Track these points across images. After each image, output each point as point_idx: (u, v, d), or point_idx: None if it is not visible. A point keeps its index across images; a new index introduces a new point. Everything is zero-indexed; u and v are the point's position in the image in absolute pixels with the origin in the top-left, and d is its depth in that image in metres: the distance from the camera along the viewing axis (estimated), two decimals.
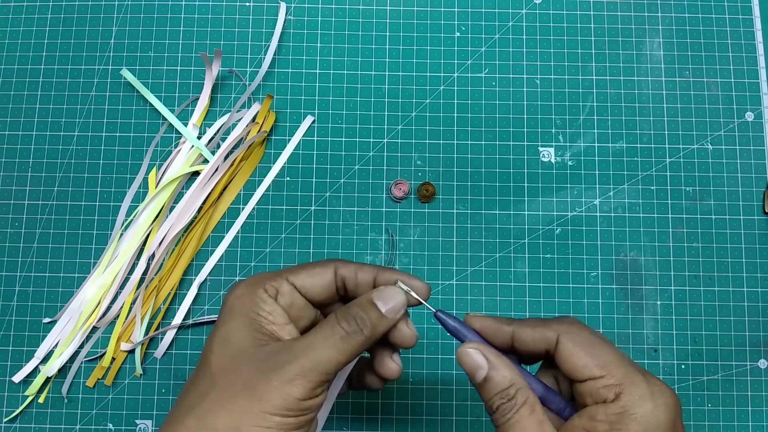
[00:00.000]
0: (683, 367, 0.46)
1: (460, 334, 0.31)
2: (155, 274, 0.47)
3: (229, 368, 0.28)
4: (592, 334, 0.29)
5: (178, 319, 0.46)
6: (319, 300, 0.32)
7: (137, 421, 0.46)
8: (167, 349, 0.46)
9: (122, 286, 0.47)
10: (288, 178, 0.49)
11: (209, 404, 0.27)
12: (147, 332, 0.46)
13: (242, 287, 0.30)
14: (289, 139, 0.49)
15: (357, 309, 0.29)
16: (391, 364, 0.32)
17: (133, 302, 0.46)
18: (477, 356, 0.29)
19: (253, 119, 0.49)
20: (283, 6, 0.50)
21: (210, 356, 0.29)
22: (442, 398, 0.46)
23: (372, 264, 0.32)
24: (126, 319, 0.46)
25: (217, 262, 0.47)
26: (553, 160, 0.49)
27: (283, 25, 0.50)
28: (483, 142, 0.49)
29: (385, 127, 0.49)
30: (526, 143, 0.49)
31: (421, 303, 0.31)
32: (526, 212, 0.48)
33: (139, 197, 0.48)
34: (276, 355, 0.28)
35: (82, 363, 0.46)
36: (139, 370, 0.46)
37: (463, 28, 0.51)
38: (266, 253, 0.47)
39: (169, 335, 0.46)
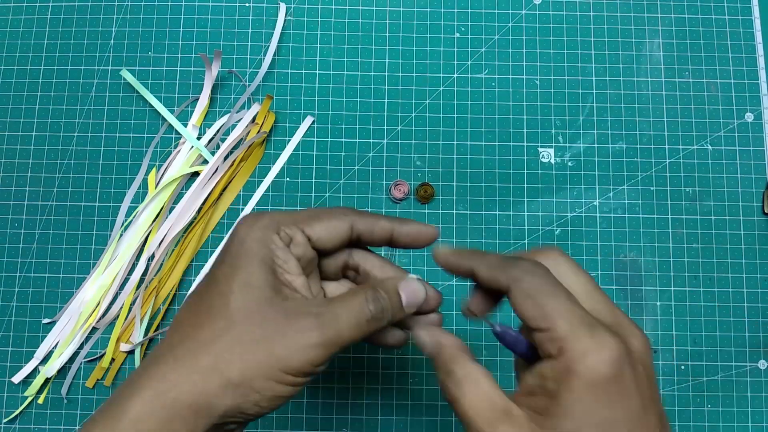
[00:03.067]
0: (683, 368, 0.46)
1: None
2: (155, 275, 0.47)
3: (251, 314, 0.28)
4: (545, 280, 0.27)
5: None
6: (330, 250, 0.31)
7: None
8: None
9: (122, 287, 0.47)
10: (288, 179, 0.49)
11: (225, 347, 0.27)
12: (147, 333, 0.46)
13: (258, 229, 0.29)
14: (289, 140, 0.49)
15: (385, 295, 0.30)
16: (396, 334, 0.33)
17: (133, 303, 0.46)
18: (423, 336, 0.29)
19: (253, 120, 0.49)
20: (282, 6, 0.50)
21: (230, 296, 0.28)
22: (442, 399, 0.46)
23: (388, 216, 0.32)
24: (125, 319, 0.46)
25: None
26: (552, 161, 0.49)
27: (284, 25, 0.50)
28: (483, 143, 0.49)
29: (385, 127, 0.49)
30: (525, 144, 0.49)
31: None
32: (525, 213, 0.48)
33: (139, 198, 0.48)
34: (300, 316, 0.28)
35: (81, 364, 0.46)
36: None
37: (463, 29, 0.51)
38: None
39: None
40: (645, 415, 0.24)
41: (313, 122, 0.49)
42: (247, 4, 0.51)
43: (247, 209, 0.48)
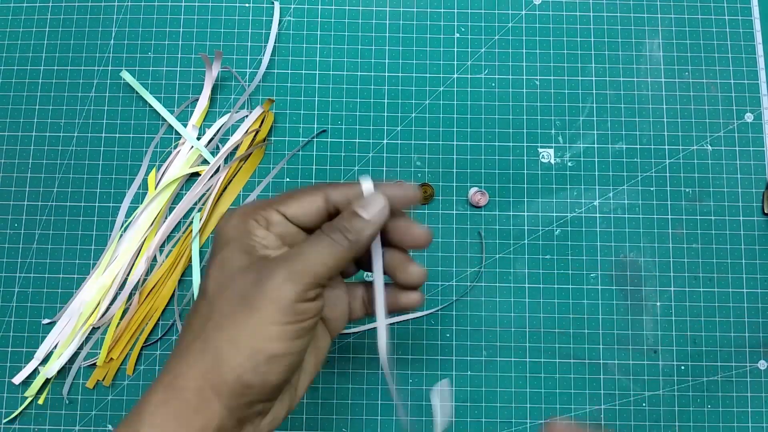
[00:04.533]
0: (683, 368, 0.46)
1: None
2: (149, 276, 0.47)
3: (226, 288, 0.28)
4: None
5: (177, 320, 0.46)
6: (311, 226, 0.31)
7: None
8: (166, 350, 0.46)
9: (122, 287, 0.47)
10: (287, 179, 0.49)
11: (212, 326, 0.28)
12: (143, 333, 0.46)
13: (234, 218, 0.30)
14: (289, 140, 0.49)
15: (340, 219, 0.30)
16: (413, 268, 0.32)
17: (129, 305, 0.46)
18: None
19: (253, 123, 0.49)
20: (277, 6, 0.50)
21: (207, 282, 0.29)
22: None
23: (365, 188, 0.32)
24: (120, 320, 0.46)
25: None
26: (552, 161, 0.49)
27: (284, 26, 0.50)
28: (482, 143, 0.49)
29: (385, 128, 0.49)
30: (525, 144, 0.49)
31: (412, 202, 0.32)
32: (525, 213, 0.48)
33: (139, 198, 0.48)
34: (267, 267, 0.28)
35: (81, 365, 0.46)
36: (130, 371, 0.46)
37: (463, 29, 0.51)
38: None
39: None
40: None
41: (314, 123, 0.49)
42: (247, 5, 0.51)
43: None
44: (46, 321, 0.47)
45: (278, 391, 0.28)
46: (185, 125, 0.49)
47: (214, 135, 0.49)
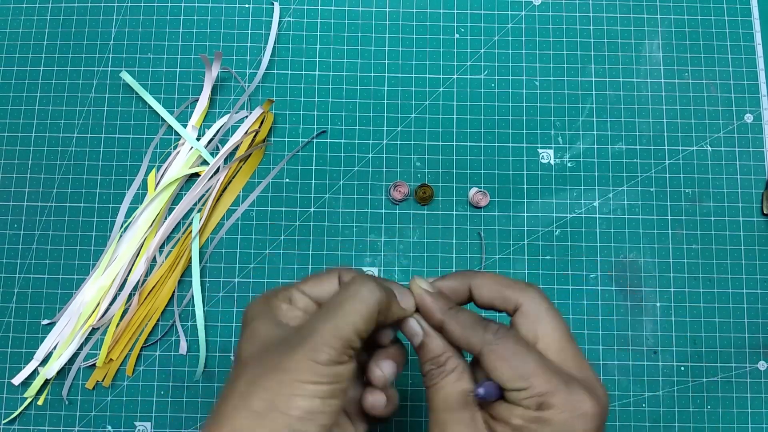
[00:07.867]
0: (683, 369, 0.46)
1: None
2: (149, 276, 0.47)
3: (259, 352, 0.29)
4: (515, 342, 0.29)
5: (176, 320, 0.46)
6: None
7: (136, 423, 0.46)
8: (165, 350, 0.46)
9: (121, 288, 0.47)
10: (287, 180, 0.49)
11: (245, 388, 0.28)
12: (142, 333, 0.46)
13: (259, 300, 0.32)
14: (289, 140, 0.49)
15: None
16: (375, 371, 0.32)
17: (128, 306, 0.46)
18: (414, 324, 0.31)
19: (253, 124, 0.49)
20: (277, 6, 0.50)
21: (240, 352, 0.30)
22: None
23: (371, 275, 0.33)
24: (119, 321, 0.46)
25: (216, 263, 0.47)
26: (552, 162, 0.49)
27: (283, 26, 0.50)
28: (482, 144, 0.49)
29: (384, 128, 0.49)
30: (525, 145, 0.49)
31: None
32: (525, 214, 0.48)
33: (139, 199, 0.48)
34: (300, 331, 0.29)
35: (80, 365, 0.46)
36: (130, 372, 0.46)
37: (463, 30, 0.51)
38: (265, 254, 0.47)
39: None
40: None
41: (313, 124, 0.49)
42: (247, 5, 0.51)
43: (244, 206, 0.48)
44: (45, 321, 0.47)
45: None
46: (185, 126, 0.49)
47: (214, 135, 0.49)
